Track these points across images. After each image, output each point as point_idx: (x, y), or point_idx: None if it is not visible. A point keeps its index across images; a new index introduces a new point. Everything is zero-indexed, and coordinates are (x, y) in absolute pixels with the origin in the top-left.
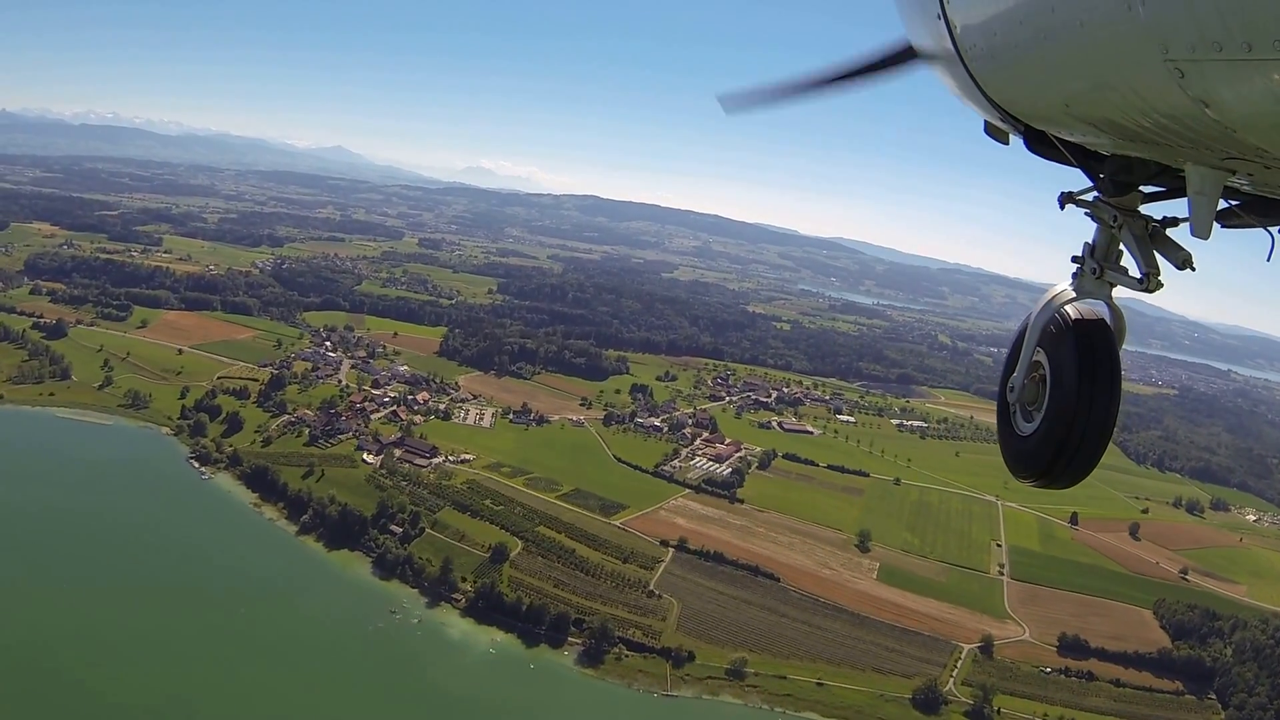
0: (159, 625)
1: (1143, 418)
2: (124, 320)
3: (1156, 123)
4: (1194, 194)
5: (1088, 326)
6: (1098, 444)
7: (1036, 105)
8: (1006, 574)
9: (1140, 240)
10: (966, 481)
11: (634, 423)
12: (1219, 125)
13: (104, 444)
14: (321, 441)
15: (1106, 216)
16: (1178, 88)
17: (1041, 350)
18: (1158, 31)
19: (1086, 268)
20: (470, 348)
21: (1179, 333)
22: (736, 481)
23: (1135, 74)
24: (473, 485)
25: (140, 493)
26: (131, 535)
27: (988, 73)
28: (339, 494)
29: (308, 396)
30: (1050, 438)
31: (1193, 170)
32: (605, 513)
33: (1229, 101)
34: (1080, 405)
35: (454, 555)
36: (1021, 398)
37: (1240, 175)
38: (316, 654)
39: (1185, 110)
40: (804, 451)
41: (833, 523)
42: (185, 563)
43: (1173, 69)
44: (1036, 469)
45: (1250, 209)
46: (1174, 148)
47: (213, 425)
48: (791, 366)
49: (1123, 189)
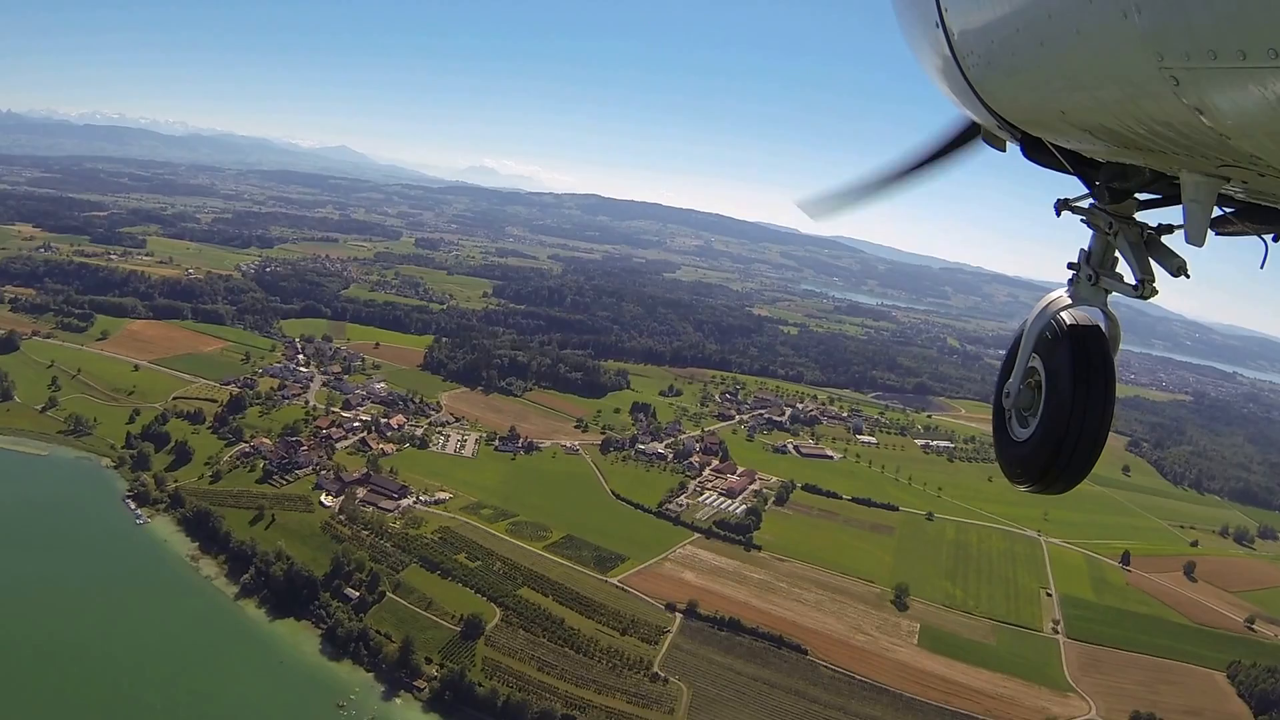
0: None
1: (1166, 428)
2: (84, 331)
3: (1152, 130)
4: (1189, 201)
5: (1083, 333)
6: (1092, 450)
7: (1033, 112)
8: (1062, 632)
9: (1135, 247)
10: (1004, 513)
11: (635, 449)
12: (1214, 133)
13: (30, 480)
14: (276, 478)
15: (1102, 223)
16: (1173, 95)
17: (1037, 356)
18: (1153, 39)
19: (1082, 274)
20: (457, 360)
21: (1181, 333)
22: (752, 523)
23: (1131, 81)
24: (446, 535)
25: (58, 545)
26: (25, 610)
27: (985, 80)
28: (289, 545)
29: (269, 421)
30: (1045, 443)
31: (1187, 178)
32: (601, 567)
33: (1224, 109)
34: (1075, 411)
35: (418, 628)
36: (1017, 403)
37: (1234, 183)
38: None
39: (1180, 117)
40: (825, 481)
41: (864, 572)
42: (86, 650)
43: (1168, 77)
44: (1032, 474)
45: (1245, 216)
46: (1169, 155)
47: (159, 456)
48: (803, 378)
49: (1118, 196)
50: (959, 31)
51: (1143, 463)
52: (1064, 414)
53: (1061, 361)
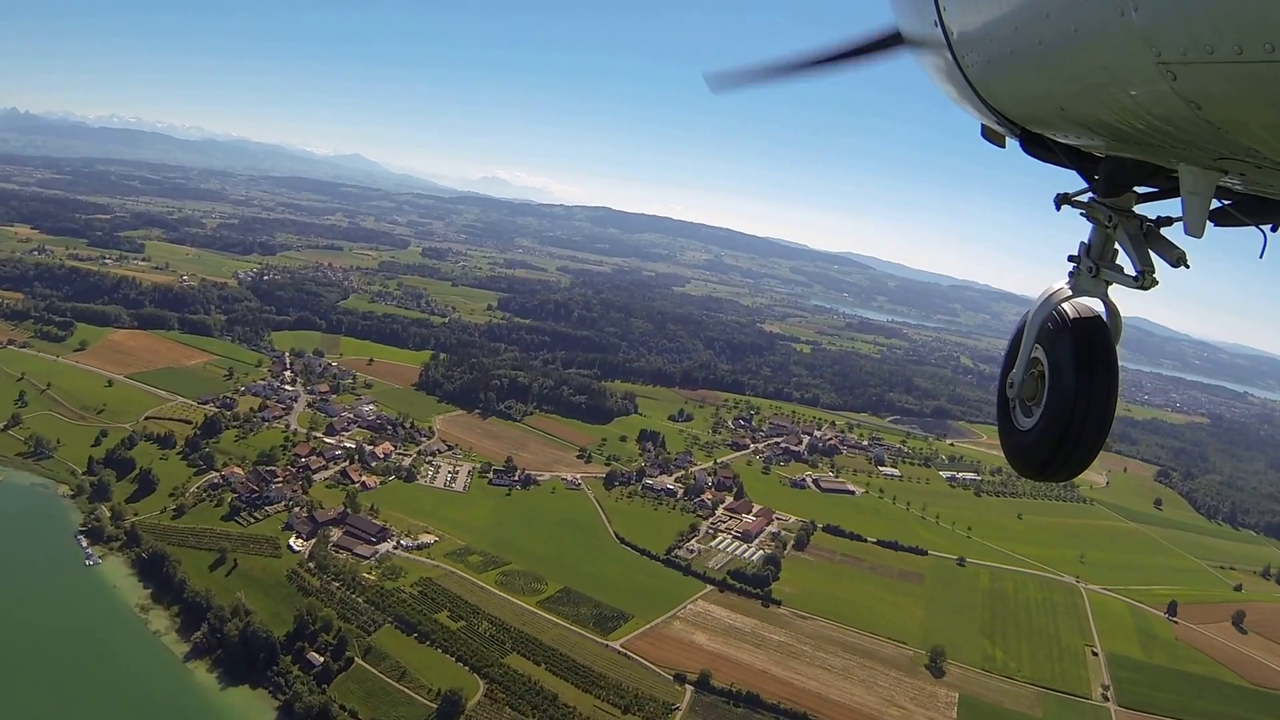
0: None
1: (1189, 454)
2: (62, 341)
3: (1150, 125)
4: (1187, 194)
5: (1085, 323)
6: (1096, 438)
7: (1032, 109)
8: (1113, 699)
9: (1135, 239)
10: (1038, 555)
11: (642, 484)
12: (1211, 126)
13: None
14: (244, 515)
15: (1102, 217)
16: (1171, 90)
17: (1040, 347)
18: (1151, 35)
19: (1083, 266)
20: (454, 380)
21: (1189, 352)
22: (771, 573)
23: (1129, 77)
24: (427, 588)
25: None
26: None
27: (984, 78)
28: (249, 597)
29: (244, 446)
30: (1049, 432)
31: (1186, 171)
32: (602, 627)
33: (1221, 103)
34: (1078, 400)
35: (388, 704)
36: (1021, 393)
37: (1232, 175)
38: None
39: (1178, 112)
40: (848, 520)
41: (894, 630)
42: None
43: (1165, 72)
44: (1036, 463)
45: (1243, 208)
46: (1167, 149)
47: (121, 484)
48: (819, 401)
49: (1117, 190)
50: (958, 31)
51: (1174, 495)
52: (1068, 402)
53: (1064, 351)
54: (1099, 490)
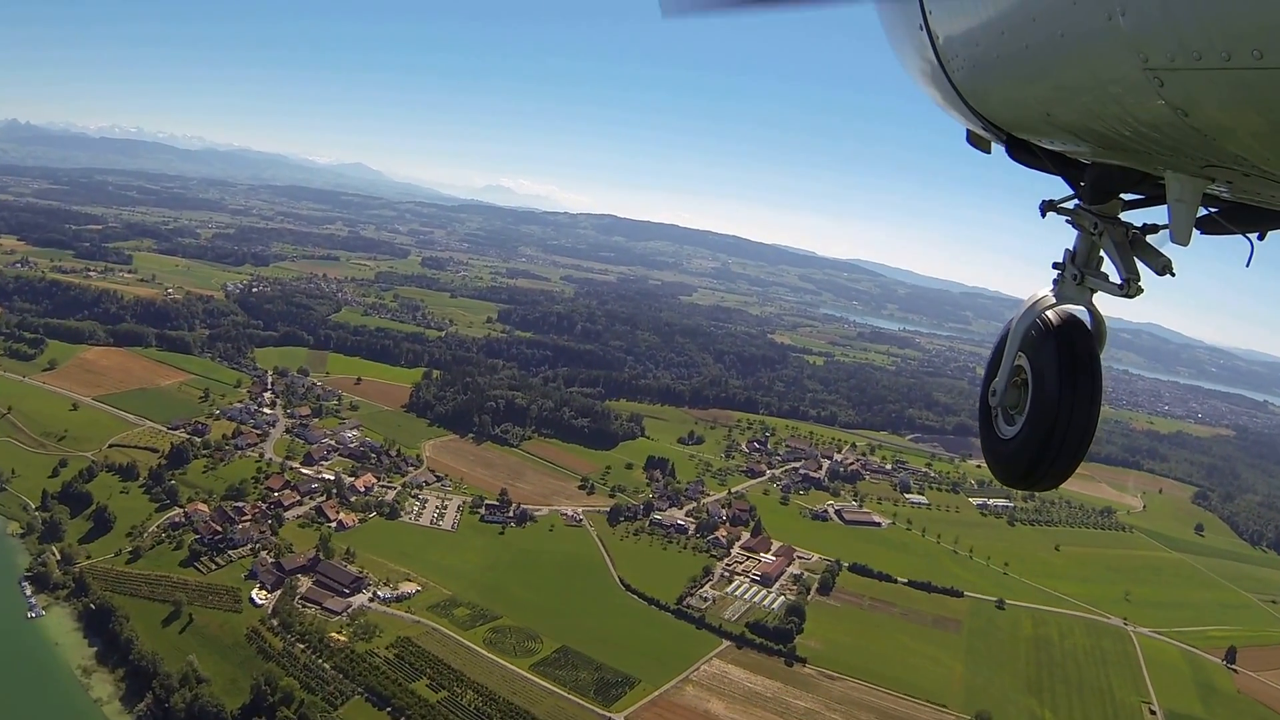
0: None
1: (1220, 471)
2: (31, 360)
3: (1137, 131)
4: (1174, 201)
5: (1069, 331)
6: (1079, 446)
7: (1018, 115)
8: None
9: (1120, 247)
10: (1081, 593)
11: (650, 519)
12: (1198, 133)
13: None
14: (204, 560)
15: (1087, 224)
16: (1158, 96)
17: (1023, 354)
18: (1138, 41)
19: (1068, 273)
20: (446, 401)
21: (1205, 360)
22: (794, 625)
23: (1116, 83)
24: (405, 649)
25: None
26: None
27: (970, 83)
28: (202, 660)
29: (213, 478)
30: (1032, 441)
31: (1172, 178)
32: (604, 696)
33: (1208, 110)
34: (1061, 408)
35: None
36: (1003, 402)
37: (1219, 183)
38: None
39: (1165, 118)
40: (875, 558)
41: (932, 689)
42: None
43: (1152, 78)
44: (1019, 472)
45: (1229, 216)
46: (1154, 156)
47: (75, 523)
48: (836, 419)
49: (1103, 196)
50: (944, 36)
51: (1214, 519)
52: (1051, 411)
53: (1048, 359)
54: (1136, 515)
